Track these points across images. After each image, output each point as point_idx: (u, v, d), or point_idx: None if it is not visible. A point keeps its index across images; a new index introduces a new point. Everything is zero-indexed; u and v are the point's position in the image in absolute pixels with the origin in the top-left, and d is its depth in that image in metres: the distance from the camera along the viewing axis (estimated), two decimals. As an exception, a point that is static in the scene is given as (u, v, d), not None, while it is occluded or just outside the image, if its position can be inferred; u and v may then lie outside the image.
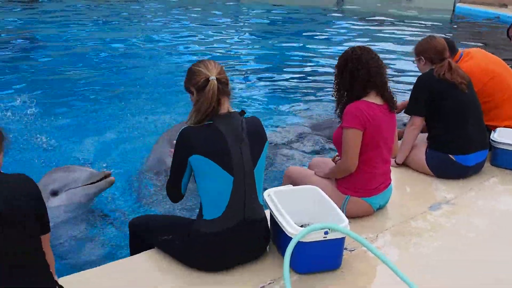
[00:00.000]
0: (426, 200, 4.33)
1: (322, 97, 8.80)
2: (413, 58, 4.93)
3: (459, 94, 4.54)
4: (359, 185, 3.84)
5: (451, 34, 14.68)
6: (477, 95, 4.75)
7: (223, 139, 3.08)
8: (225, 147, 3.07)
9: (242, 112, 3.24)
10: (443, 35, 10.76)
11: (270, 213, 3.41)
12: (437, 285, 3.23)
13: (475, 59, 5.11)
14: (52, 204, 4.60)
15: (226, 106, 3.17)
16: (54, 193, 4.65)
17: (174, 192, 3.28)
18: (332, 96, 4.06)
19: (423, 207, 4.18)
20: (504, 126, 5.12)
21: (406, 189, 4.61)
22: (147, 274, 3.28)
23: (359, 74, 3.77)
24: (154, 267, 3.34)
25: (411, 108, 4.72)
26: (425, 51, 4.71)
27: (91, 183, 4.73)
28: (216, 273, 3.23)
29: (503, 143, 4.89)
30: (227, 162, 3.07)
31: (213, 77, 3.08)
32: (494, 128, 5.07)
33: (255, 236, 3.28)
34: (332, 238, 3.13)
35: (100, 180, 4.74)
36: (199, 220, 3.21)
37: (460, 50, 5.21)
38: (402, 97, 6.11)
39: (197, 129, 3.08)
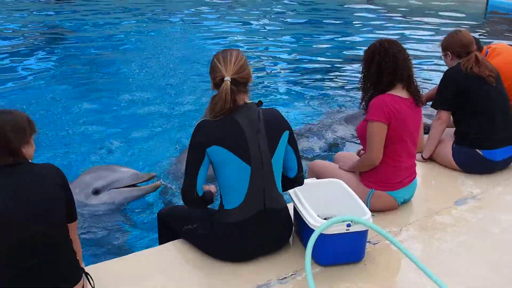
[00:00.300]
0: (452, 195, 4.30)
1: (348, 90, 8.78)
2: (441, 53, 4.89)
3: (487, 87, 4.49)
4: (383, 179, 3.84)
5: (484, 28, 14.43)
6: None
7: (241, 129, 3.10)
8: (243, 137, 3.10)
9: (259, 103, 3.24)
10: (473, 30, 10.62)
11: (294, 206, 3.44)
12: (460, 279, 3.22)
13: (502, 55, 5.03)
14: (93, 202, 4.69)
15: (242, 99, 3.17)
16: (97, 192, 4.72)
17: (190, 192, 3.16)
18: (358, 89, 4.06)
19: (448, 202, 4.15)
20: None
21: (432, 183, 4.58)
22: (171, 263, 3.35)
23: (386, 67, 3.75)
24: (179, 256, 3.42)
25: (438, 103, 4.68)
26: (451, 46, 4.67)
27: (136, 185, 4.79)
28: (239, 263, 3.28)
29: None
30: (244, 153, 3.10)
31: (227, 78, 3.06)
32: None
33: (276, 226, 3.31)
34: (355, 230, 3.15)
35: (145, 181, 4.81)
36: (220, 210, 3.27)
37: (485, 47, 5.14)
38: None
39: (213, 122, 3.10)
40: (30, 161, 2.69)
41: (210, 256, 3.35)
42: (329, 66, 10.49)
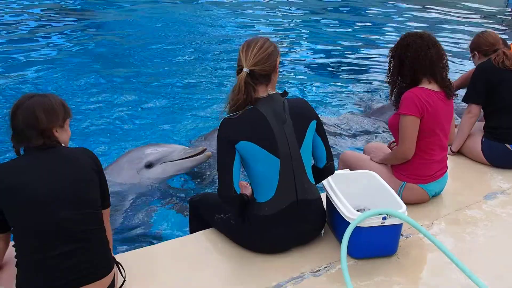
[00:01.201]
0: (481, 189, 4.28)
1: (377, 81, 8.77)
2: (468, 49, 4.89)
3: (518, 81, 4.47)
4: (415, 172, 3.82)
5: (505, 25, 14.31)
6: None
7: (266, 122, 3.04)
8: (269, 129, 3.04)
9: (285, 93, 3.19)
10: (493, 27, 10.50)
11: (327, 196, 3.42)
12: (492, 274, 3.19)
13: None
14: (146, 175, 4.70)
15: (265, 90, 3.10)
16: (150, 165, 4.72)
17: (227, 192, 3.07)
18: (386, 82, 4.02)
19: (478, 196, 4.13)
20: None
21: (461, 177, 4.54)
22: (202, 253, 3.34)
23: (418, 60, 3.72)
24: (210, 246, 3.41)
25: (469, 97, 4.66)
26: (478, 46, 4.73)
27: (187, 158, 4.80)
28: (271, 255, 3.26)
29: None
30: (271, 145, 3.04)
31: (246, 69, 3.00)
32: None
33: (309, 217, 3.27)
34: (390, 224, 3.13)
35: (195, 155, 4.81)
36: (252, 203, 3.22)
37: (511, 44, 5.10)
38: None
39: (237, 117, 3.04)
40: (63, 145, 2.67)
41: (242, 246, 3.33)
42: (358, 58, 10.48)
